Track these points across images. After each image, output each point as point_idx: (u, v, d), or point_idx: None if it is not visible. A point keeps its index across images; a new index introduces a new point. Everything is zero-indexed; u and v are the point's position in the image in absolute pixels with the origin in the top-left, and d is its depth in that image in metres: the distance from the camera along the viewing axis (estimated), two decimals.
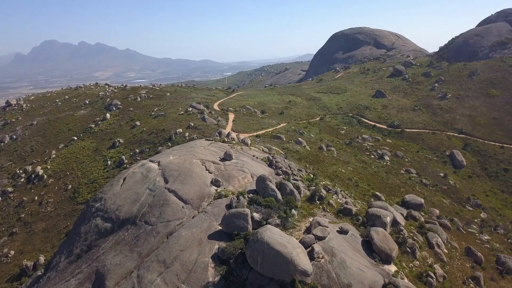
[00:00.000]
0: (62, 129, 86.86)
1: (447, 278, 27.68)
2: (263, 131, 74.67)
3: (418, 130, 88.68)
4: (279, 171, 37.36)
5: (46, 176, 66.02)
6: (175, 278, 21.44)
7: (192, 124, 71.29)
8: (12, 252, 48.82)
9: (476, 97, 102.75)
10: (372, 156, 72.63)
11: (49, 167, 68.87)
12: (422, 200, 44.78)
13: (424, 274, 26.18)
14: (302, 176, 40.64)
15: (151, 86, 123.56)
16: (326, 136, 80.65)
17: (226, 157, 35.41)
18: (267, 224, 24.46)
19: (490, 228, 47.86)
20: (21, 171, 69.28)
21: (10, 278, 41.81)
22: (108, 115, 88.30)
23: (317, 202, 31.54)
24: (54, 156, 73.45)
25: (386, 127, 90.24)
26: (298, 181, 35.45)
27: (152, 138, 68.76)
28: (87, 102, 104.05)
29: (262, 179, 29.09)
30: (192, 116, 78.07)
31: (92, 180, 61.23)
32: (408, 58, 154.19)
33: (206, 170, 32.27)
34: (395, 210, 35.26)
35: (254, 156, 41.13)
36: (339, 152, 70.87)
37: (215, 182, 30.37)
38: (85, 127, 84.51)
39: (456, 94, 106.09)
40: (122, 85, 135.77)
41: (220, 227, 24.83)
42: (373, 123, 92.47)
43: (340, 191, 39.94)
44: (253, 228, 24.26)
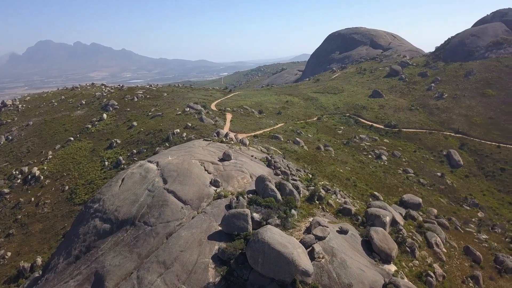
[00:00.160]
0: (58, 129, 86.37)
1: (447, 277, 27.74)
2: (261, 131, 74.59)
3: (415, 130, 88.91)
4: (278, 171, 37.30)
5: (42, 177, 65.60)
6: (176, 279, 21.35)
7: (189, 124, 71.09)
8: (8, 253, 48.47)
9: (472, 97, 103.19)
10: (369, 156, 72.76)
11: (45, 168, 68.45)
12: (420, 199, 44.88)
13: (423, 273, 26.22)
14: (300, 176, 40.64)
15: (148, 86, 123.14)
16: (324, 136, 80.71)
17: (225, 157, 35.31)
18: (267, 224, 24.43)
19: (488, 227, 48.03)
20: (17, 172, 68.83)
21: (7, 279, 41.47)
22: (105, 116, 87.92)
23: (316, 202, 31.54)
24: (50, 156, 73.03)
25: (383, 127, 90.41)
26: (297, 181, 35.44)
27: (149, 139, 68.50)
28: (84, 102, 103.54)
29: (261, 179, 29.03)
30: (189, 116, 77.86)
31: (89, 181, 60.91)
32: (404, 58, 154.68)
33: (205, 170, 32.17)
34: (394, 210, 35.34)
35: (252, 156, 41.06)
36: (337, 152, 70.94)
37: (214, 183, 30.27)
38: (81, 128, 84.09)
39: (452, 94, 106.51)
40: (119, 85, 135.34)
41: (220, 228, 24.76)
42: (370, 123, 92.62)
43: (338, 191, 39.97)
44: (253, 228, 24.23)
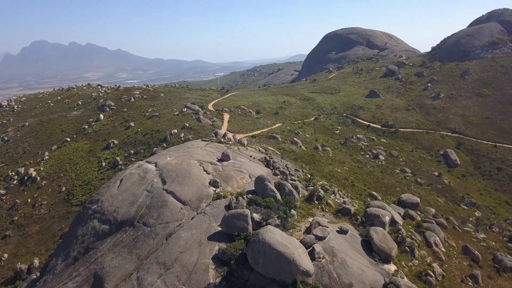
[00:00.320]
0: (54, 130, 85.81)
1: (446, 276, 27.80)
2: (259, 132, 74.54)
3: (412, 130, 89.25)
4: (277, 171, 37.23)
5: (39, 178, 65.13)
6: (176, 280, 21.24)
7: (187, 124, 70.89)
8: (5, 255, 48.05)
9: (468, 96, 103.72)
10: (367, 155, 72.91)
11: (42, 169, 68.00)
12: (418, 199, 44.93)
13: (423, 273, 26.27)
14: (299, 176, 40.61)
15: (145, 87, 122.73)
16: (321, 136, 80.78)
17: (224, 157, 35.21)
18: (267, 224, 24.38)
19: (485, 226, 48.21)
20: (13, 173, 68.32)
21: (4, 281, 41.11)
22: (101, 116, 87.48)
23: (315, 202, 31.53)
24: (47, 157, 72.54)
25: (380, 127, 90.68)
26: (295, 181, 35.38)
27: (147, 139, 68.24)
28: (80, 103, 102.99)
29: (261, 180, 28.96)
30: (187, 116, 77.65)
31: (86, 181, 60.54)
32: (401, 58, 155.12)
33: (204, 171, 32.04)
34: (393, 210, 35.41)
35: (251, 156, 40.97)
36: (335, 152, 71.02)
37: (213, 183, 30.17)
38: (78, 128, 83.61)
39: (449, 94, 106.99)
40: (115, 85, 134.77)
41: (219, 228, 24.67)
42: (367, 123, 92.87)
43: (337, 191, 39.99)
44: (253, 229, 24.16)
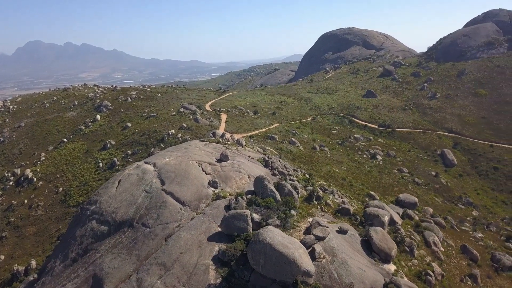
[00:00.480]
0: (51, 131, 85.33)
1: (445, 276, 27.88)
2: (256, 132, 74.47)
3: (409, 130, 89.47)
4: (275, 172, 37.22)
5: (35, 179, 64.74)
6: (176, 281, 21.14)
7: (184, 125, 70.68)
8: (2, 256, 47.69)
9: (465, 96, 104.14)
10: (364, 155, 73.02)
11: (38, 170, 67.59)
12: (416, 199, 45.18)
13: (423, 272, 26.34)
14: (298, 176, 40.60)
15: (142, 87, 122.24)
16: (319, 136, 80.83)
17: (223, 158, 35.11)
18: (267, 225, 24.34)
19: (483, 226, 48.40)
20: (9, 174, 67.88)
21: (1, 283, 40.81)
22: (98, 117, 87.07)
23: (314, 202, 31.53)
24: (43, 158, 72.13)
25: (377, 127, 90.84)
26: (294, 181, 35.36)
27: (144, 140, 67.98)
28: (76, 103, 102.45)
29: (260, 180, 28.91)
30: (184, 117, 77.41)
31: (83, 182, 60.23)
32: (397, 58, 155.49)
33: (203, 171, 31.94)
34: (391, 209, 35.47)
35: (249, 156, 40.90)
36: (332, 152, 71.08)
37: (213, 183, 30.07)
38: (75, 129, 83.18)
39: (445, 94, 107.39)
40: (112, 86, 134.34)
41: (219, 229, 24.59)
42: (364, 123, 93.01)
43: (336, 191, 39.99)
44: (253, 229, 24.10)
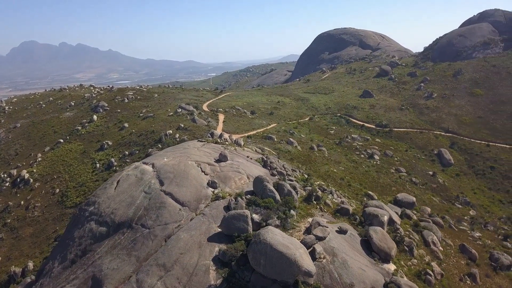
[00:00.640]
0: (47, 131, 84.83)
1: (445, 275, 27.94)
2: (254, 132, 74.44)
3: (406, 130, 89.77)
4: (274, 172, 37.15)
5: (32, 180, 64.28)
6: (176, 281, 21.03)
7: (182, 125, 70.49)
8: None
9: (461, 96, 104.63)
10: (362, 155, 73.17)
11: (35, 171, 67.12)
12: (413, 198, 45.26)
13: (422, 272, 26.38)
14: (296, 176, 40.59)
15: (138, 87, 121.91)
16: (316, 136, 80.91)
17: (221, 158, 35.02)
18: (267, 225, 24.27)
19: (481, 225, 48.62)
20: (5, 175, 67.34)
21: None
22: (95, 117, 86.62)
23: (314, 202, 31.50)
24: (40, 159, 71.65)
25: (374, 127, 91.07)
26: (293, 181, 35.31)
27: (141, 140, 67.72)
28: (73, 104, 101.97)
29: (260, 180, 28.84)
30: (181, 117, 77.23)
31: (80, 183, 59.88)
32: (393, 58, 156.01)
33: (202, 171, 31.84)
34: (390, 209, 35.51)
35: (248, 157, 40.82)
36: (330, 152, 71.15)
37: (212, 184, 29.97)
38: (71, 130, 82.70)
39: (441, 94, 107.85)
40: (108, 86, 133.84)
41: (219, 229, 24.50)
42: (361, 123, 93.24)
43: (335, 191, 39.98)
44: (252, 229, 24.03)
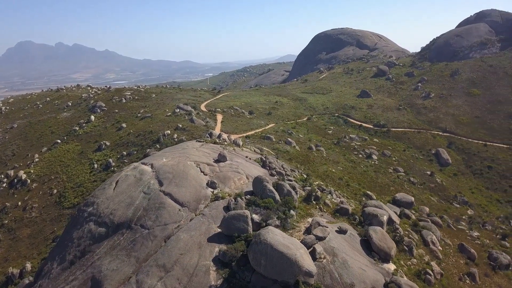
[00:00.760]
0: (44, 132, 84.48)
1: (444, 275, 27.99)
2: (252, 132, 74.38)
3: (403, 129, 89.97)
4: (273, 172, 37.14)
5: (29, 180, 64.00)
6: (176, 282, 20.94)
7: (180, 125, 70.36)
8: None
9: (458, 96, 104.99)
10: (360, 155, 73.25)
11: (32, 171, 66.83)
12: (412, 198, 45.28)
13: (422, 271, 26.42)
14: (295, 176, 40.61)
15: (136, 88, 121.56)
16: (314, 136, 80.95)
17: (221, 158, 34.96)
18: (267, 225, 24.23)
19: (479, 224, 48.77)
20: (2, 176, 66.99)
21: None
22: (92, 117, 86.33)
23: (313, 202, 31.49)
24: (37, 160, 71.35)
25: (372, 127, 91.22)
26: (292, 181, 35.28)
27: (139, 140, 67.54)
28: (70, 104, 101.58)
29: (259, 180, 28.79)
30: (179, 117, 77.09)
31: (78, 184, 59.66)
32: (391, 59, 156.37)
33: (201, 172, 31.76)
34: (389, 209, 35.56)
35: (246, 157, 40.81)
36: (328, 152, 71.19)
37: (211, 184, 29.90)
38: (69, 130, 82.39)
39: (439, 94, 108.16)
40: (106, 86, 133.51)
41: (219, 230, 24.43)
42: (359, 123, 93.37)
43: (334, 191, 40.00)
44: (252, 229, 23.98)
